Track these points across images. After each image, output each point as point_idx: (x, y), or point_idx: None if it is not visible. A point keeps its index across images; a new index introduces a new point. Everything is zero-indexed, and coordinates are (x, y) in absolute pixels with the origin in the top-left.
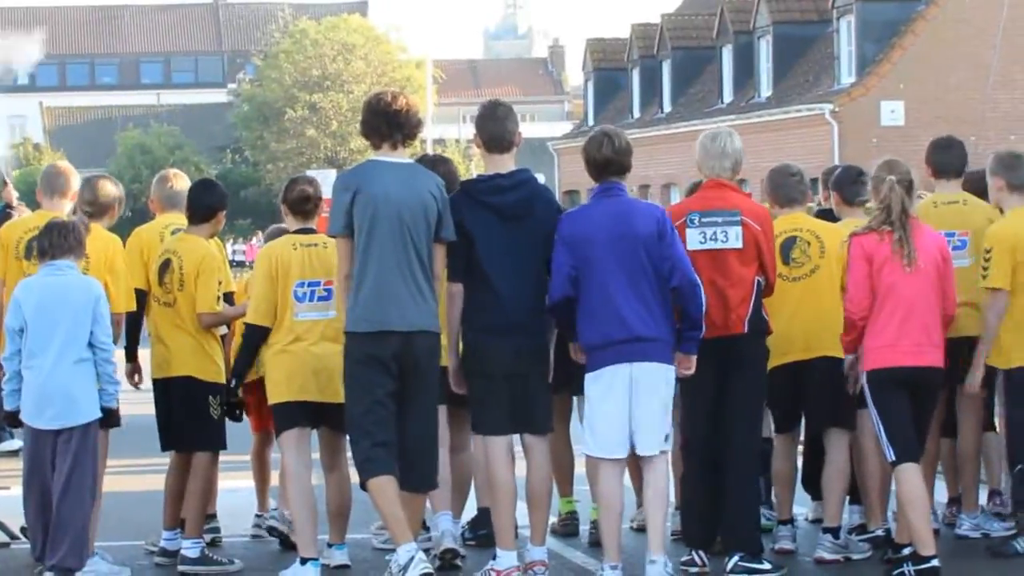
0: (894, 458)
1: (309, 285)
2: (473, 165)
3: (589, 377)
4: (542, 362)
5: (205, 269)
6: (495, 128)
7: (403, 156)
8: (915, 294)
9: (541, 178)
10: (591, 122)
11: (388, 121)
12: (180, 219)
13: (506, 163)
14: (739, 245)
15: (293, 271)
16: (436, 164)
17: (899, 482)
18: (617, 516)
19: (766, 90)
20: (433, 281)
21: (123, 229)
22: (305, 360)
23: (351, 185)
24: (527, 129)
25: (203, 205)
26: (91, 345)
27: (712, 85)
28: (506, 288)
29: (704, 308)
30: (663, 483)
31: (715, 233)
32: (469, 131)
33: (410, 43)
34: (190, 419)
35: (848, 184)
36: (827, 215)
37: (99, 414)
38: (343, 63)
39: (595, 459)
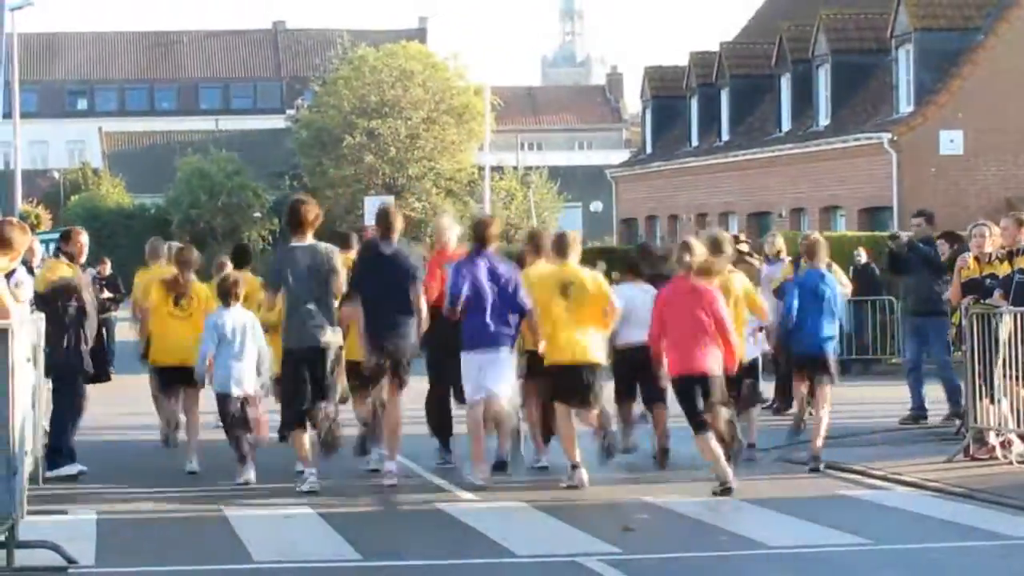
0: None
1: None
2: (531, 192)
3: (466, 355)
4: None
5: None
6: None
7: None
8: None
9: (599, 206)
10: (649, 150)
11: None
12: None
13: None
14: None
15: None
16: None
17: None
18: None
19: (824, 119)
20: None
21: None
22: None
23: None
24: (585, 157)
25: None
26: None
27: (770, 114)
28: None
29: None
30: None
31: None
32: (526, 158)
33: (468, 70)
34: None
35: None
36: None
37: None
38: (401, 90)
39: (472, 401)
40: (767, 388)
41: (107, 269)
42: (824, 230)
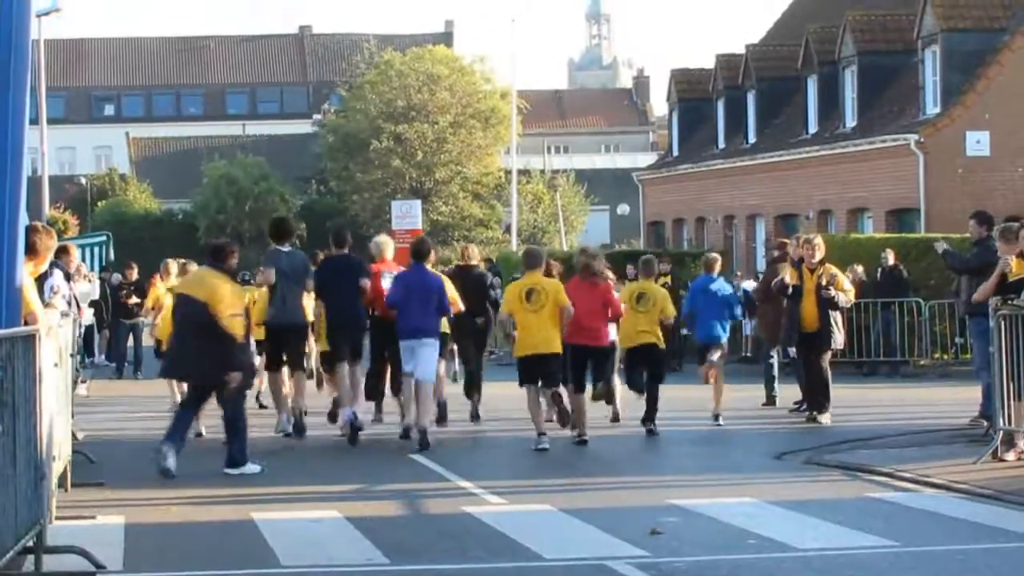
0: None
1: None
2: (558, 195)
3: (402, 343)
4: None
5: None
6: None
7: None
8: None
9: (626, 209)
10: (676, 153)
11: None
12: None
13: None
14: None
15: None
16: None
17: None
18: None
19: (851, 120)
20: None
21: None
22: None
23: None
24: (611, 160)
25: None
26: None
27: (797, 115)
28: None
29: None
30: (429, 398)
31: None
32: (553, 161)
33: (495, 73)
34: None
35: None
36: None
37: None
38: (428, 94)
39: (410, 379)
40: (793, 390)
41: (134, 274)
42: (851, 232)
